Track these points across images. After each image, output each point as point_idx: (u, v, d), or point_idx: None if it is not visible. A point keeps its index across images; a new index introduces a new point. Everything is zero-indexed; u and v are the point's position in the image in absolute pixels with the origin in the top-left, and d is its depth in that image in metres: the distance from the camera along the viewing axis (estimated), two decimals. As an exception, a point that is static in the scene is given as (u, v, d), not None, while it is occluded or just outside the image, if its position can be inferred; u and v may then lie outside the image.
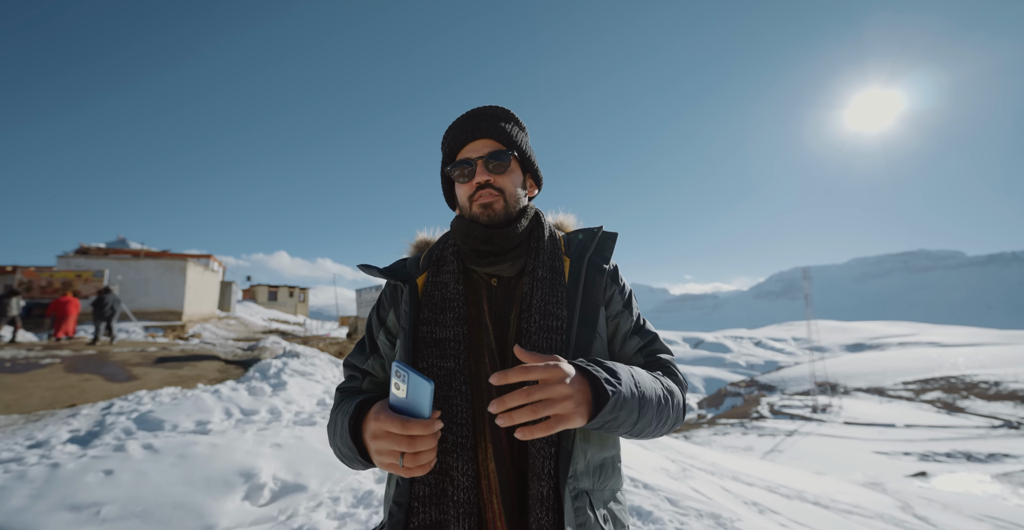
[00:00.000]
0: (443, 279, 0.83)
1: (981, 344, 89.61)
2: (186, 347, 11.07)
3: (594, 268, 0.83)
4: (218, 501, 2.29)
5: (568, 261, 0.84)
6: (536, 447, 0.69)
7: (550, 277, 0.79)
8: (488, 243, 0.80)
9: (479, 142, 0.82)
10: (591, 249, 0.85)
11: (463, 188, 0.83)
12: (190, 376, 7.16)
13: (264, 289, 37.51)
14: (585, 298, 0.80)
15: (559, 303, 0.77)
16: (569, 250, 0.86)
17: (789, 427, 39.86)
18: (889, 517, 8.67)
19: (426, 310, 0.81)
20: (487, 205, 0.80)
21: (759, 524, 4.16)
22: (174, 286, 16.67)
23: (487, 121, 0.82)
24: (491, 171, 0.80)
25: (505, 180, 0.81)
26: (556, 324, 0.75)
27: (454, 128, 0.84)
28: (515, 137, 0.84)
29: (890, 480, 20.51)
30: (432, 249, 0.90)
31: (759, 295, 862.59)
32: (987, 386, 50.52)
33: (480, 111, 0.84)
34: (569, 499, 0.67)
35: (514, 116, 0.86)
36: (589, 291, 0.81)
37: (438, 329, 0.78)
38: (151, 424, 4.02)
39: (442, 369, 0.75)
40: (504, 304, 0.81)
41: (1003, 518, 14.04)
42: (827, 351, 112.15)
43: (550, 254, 0.83)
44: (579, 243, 0.87)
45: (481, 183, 0.80)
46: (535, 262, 0.81)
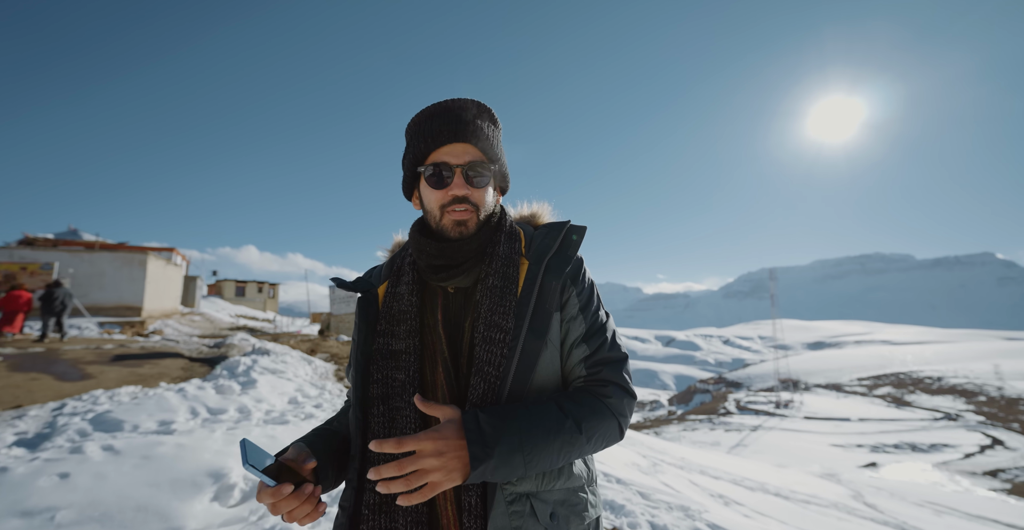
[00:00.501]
0: (400, 290, 0.83)
1: (927, 342, 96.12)
2: (146, 344, 10.54)
3: (552, 272, 0.78)
4: (185, 503, 2.20)
5: (526, 264, 0.79)
6: None
7: (501, 285, 0.76)
8: (441, 257, 0.77)
9: (460, 146, 0.76)
10: (553, 249, 0.80)
11: (436, 194, 0.77)
12: (151, 375, 6.82)
13: (231, 284, 36.07)
14: (538, 305, 0.76)
15: (506, 313, 0.74)
16: (529, 251, 0.81)
17: (754, 422, 41.60)
18: (843, 506, 9.22)
19: (383, 321, 0.81)
20: (462, 222, 0.76)
21: (725, 515, 4.35)
22: (133, 280, 15.79)
23: (468, 120, 0.76)
24: (471, 184, 0.75)
25: (482, 195, 0.77)
26: (499, 336, 0.73)
27: (430, 120, 0.77)
28: (496, 147, 0.80)
29: (844, 471, 21.77)
30: (394, 258, 0.90)
31: (728, 295, 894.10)
32: (931, 381, 54.26)
33: (458, 106, 0.77)
34: (504, 504, 0.68)
35: (492, 114, 0.81)
36: (543, 297, 0.76)
37: (393, 341, 0.79)
38: (109, 425, 3.82)
39: (395, 380, 0.76)
40: (460, 312, 0.80)
41: (941, 503, 15.16)
42: (790, 349, 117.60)
43: (504, 260, 0.79)
44: (541, 243, 0.81)
45: (459, 196, 0.75)
46: (488, 269, 0.78)
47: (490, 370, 0.72)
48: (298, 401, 5.23)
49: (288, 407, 4.90)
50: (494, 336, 0.73)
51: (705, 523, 3.45)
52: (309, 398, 5.44)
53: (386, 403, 0.76)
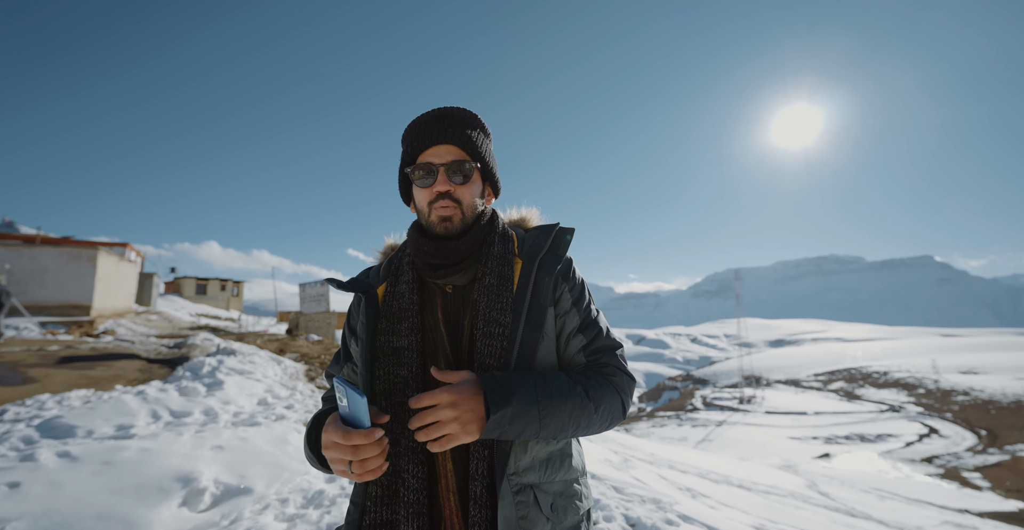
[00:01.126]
0: (399, 289, 0.85)
1: (875, 339, 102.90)
2: (97, 345, 9.88)
3: (544, 269, 0.83)
4: (151, 509, 2.10)
5: (519, 263, 0.84)
6: (473, 449, 0.74)
7: (497, 283, 0.81)
8: (438, 256, 0.81)
9: (443, 147, 0.81)
10: (544, 248, 0.85)
11: (423, 193, 0.82)
12: (105, 377, 6.41)
13: (191, 282, 34.26)
14: (533, 301, 0.81)
15: (504, 309, 0.79)
16: (522, 251, 0.86)
17: (719, 418, 43.30)
18: (800, 495, 9.76)
19: (384, 320, 0.84)
20: (446, 217, 0.80)
21: (693, 507, 4.53)
22: (81, 277, 14.75)
23: (453, 125, 0.81)
24: (453, 181, 0.80)
25: (465, 191, 0.81)
26: (499, 331, 0.77)
27: (418, 127, 0.83)
28: (480, 147, 0.83)
29: (801, 462, 23.03)
30: (391, 258, 0.92)
31: (696, 294, 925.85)
32: (878, 376, 58.11)
33: (446, 113, 0.83)
34: (510, 495, 0.72)
35: (480, 121, 0.86)
36: (538, 293, 0.81)
37: (395, 338, 0.82)
38: (59, 431, 3.57)
39: (397, 377, 0.79)
40: (459, 310, 0.84)
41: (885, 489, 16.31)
42: (753, 347, 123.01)
43: (500, 260, 0.84)
44: (533, 243, 0.87)
45: (442, 192, 0.80)
46: (484, 269, 0.83)
47: (491, 362, 0.76)
48: (268, 402, 5.05)
49: (258, 408, 4.73)
50: (494, 331, 0.78)
51: (676, 514, 3.59)
52: (280, 399, 5.26)
53: (388, 398, 0.78)
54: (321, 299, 14.06)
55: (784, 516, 6.55)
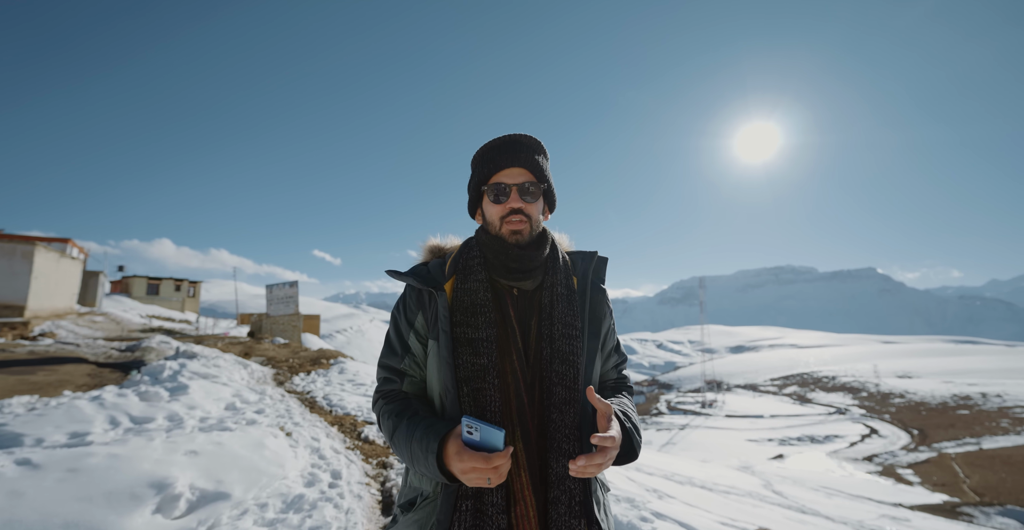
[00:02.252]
0: (471, 286, 0.96)
1: (826, 345, 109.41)
2: (36, 349, 9.15)
3: (596, 288, 1.03)
4: (123, 517, 2.01)
5: (575, 279, 1.02)
6: (560, 430, 0.88)
7: (567, 293, 0.98)
8: (519, 262, 0.95)
9: (516, 170, 0.95)
10: (591, 271, 1.04)
11: (496, 209, 0.96)
12: (49, 383, 5.95)
13: (142, 281, 32.09)
14: (591, 313, 0.99)
15: (575, 315, 0.96)
16: (575, 270, 1.04)
17: (682, 421, 44.68)
18: (756, 494, 10.27)
19: (457, 313, 0.93)
20: (517, 231, 0.95)
21: (661, 506, 4.72)
22: (15, 274, 13.60)
23: (524, 151, 0.96)
24: (523, 199, 0.95)
25: (533, 208, 0.96)
26: (574, 333, 0.94)
27: (492, 151, 0.97)
28: (545, 171, 0.98)
29: (757, 463, 24.12)
30: (457, 258, 1.02)
31: (662, 301, 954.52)
32: (827, 380, 61.84)
33: (517, 139, 0.98)
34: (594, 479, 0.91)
35: (544, 148, 1.01)
36: (594, 307, 1.00)
37: (470, 330, 0.91)
38: (4, 440, 3.31)
39: (476, 365, 0.89)
40: (525, 312, 0.97)
41: (831, 486, 17.37)
42: (716, 353, 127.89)
43: (564, 273, 1.01)
44: (582, 265, 1.04)
45: (515, 208, 0.94)
46: (553, 279, 0.99)
47: (575, 359, 0.92)
48: (237, 407, 4.85)
49: (226, 413, 4.54)
50: (571, 332, 0.94)
51: (650, 512, 3.75)
52: (249, 404, 5.07)
53: (469, 385, 0.88)
54: (290, 301, 13.57)
55: (743, 514, 6.89)
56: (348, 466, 3.49)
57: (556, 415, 0.88)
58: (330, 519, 2.45)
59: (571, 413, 0.88)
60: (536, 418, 0.90)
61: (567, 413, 0.88)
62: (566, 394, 0.89)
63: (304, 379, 7.17)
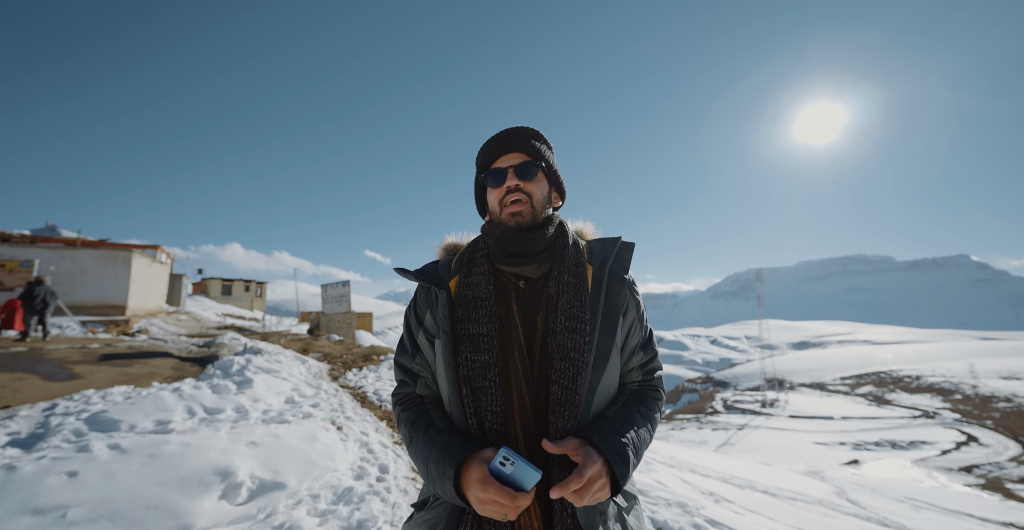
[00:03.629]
0: (474, 280, 0.90)
1: (906, 342, 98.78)
2: (133, 344, 10.32)
3: (615, 277, 0.90)
4: (194, 501, 2.20)
5: (591, 268, 0.91)
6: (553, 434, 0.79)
7: (574, 282, 0.87)
8: (517, 245, 0.87)
9: (511, 155, 0.91)
10: (611, 258, 0.92)
11: (494, 193, 0.91)
12: (142, 374, 6.70)
13: (217, 283, 35.41)
14: (607, 305, 0.87)
15: (583, 307, 0.84)
16: (591, 258, 0.93)
17: (740, 421, 42.30)
18: (827, 502, 9.45)
19: (460, 309, 0.88)
20: (516, 213, 0.87)
21: (718, 512, 4.46)
22: (117, 278, 15.45)
23: (519, 137, 0.91)
24: (519, 177, 0.88)
25: (532, 187, 0.89)
26: (580, 327, 0.83)
27: (489, 143, 0.93)
28: (543, 153, 0.93)
29: (828, 468, 22.28)
30: (463, 253, 0.97)
31: (715, 295, 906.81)
32: (910, 380, 55.75)
33: (513, 130, 0.93)
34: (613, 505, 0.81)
35: (543, 136, 0.95)
36: (610, 299, 0.88)
37: (471, 326, 0.85)
38: (105, 425, 3.76)
39: (476, 362, 0.83)
40: (531, 305, 0.89)
41: (919, 499, 15.63)
42: (776, 349, 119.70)
43: (574, 260, 0.90)
44: (600, 252, 0.93)
45: (511, 187, 0.88)
46: (560, 267, 0.89)
47: (576, 356, 0.81)
48: (295, 401, 5.19)
49: (285, 406, 4.87)
50: (575, 326, 0.83)
51: (703, 519, 3.54)
52: (306, 397, 5.41)
53: (469, 384, 0.82)
54: (342, 300, 14.35)
55: (812, 524, 6.37)
56: (395, 461, 3.61)
57: (552, 418, 0.79)
58: (377, 512, 2.53)
59: (565, 416, 0.78)
60: (541, 421, 0.82)
61: (561, 416, 0.79)
62: (562, 395, 0.79)
63: (356, 375, 7.54)
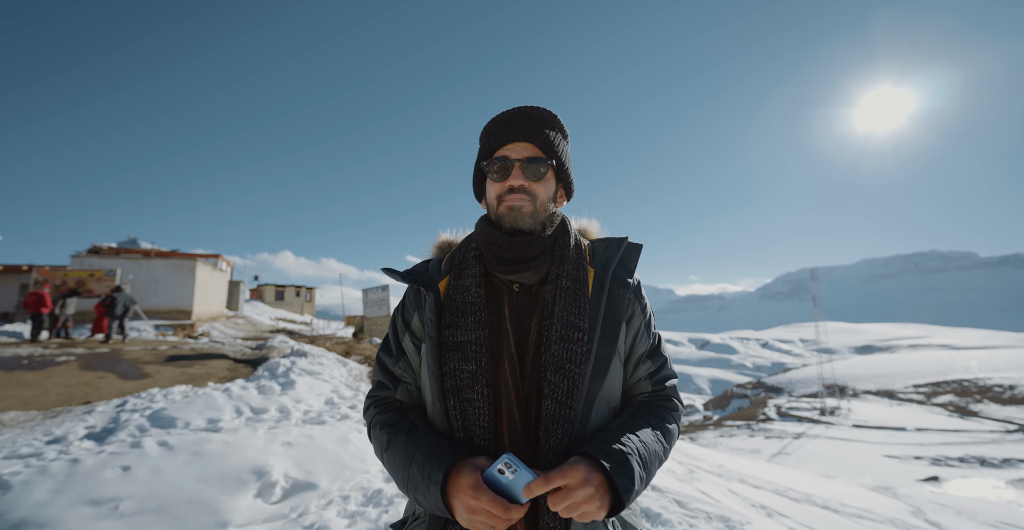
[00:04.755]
0: (464, 283, 0.82)
1: (995, 347, 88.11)
2: (196, 346, 11.20)
3: (618, 281, 0.82)
4: (231, 498, 2.32)
5: (592, 272, 0.83)
6: (545, 454, 0.71)
7: (573, 287, 0.79)
8: (511, 251, 0.79)
9: (521, 144, 0.80)
10: (616, 260, 0.84)
11: (495, 186, 0.81)
12: (200, 374, 7.25)
13: (271, 288, 37.87)
14: (608, 311, 0.79)
15: (581, 314, 0.77)
16: (594, 260, 0.85)
17: (797, 430, 39.44)
18: (900, 522, 8.55)
19: (448, 314, 0.81)
20: (515, 208, 0.78)
21: (768, 527, 4.13)
22: (184, 285, 16.88)
23: (532, 124, 0.81)
24: (527, 176, 0.79)
25: (539, 187, 0.80)
26: (577, 335, 0.75)
27: (497, 123, 0.82)
28: (557, 146, 0.82)
29: (901, 484, 20.22)
30: (454, 252, 0.90)
31: (766, 296, 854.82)
32: (1001, 390, 49.66)
33: (526, 111, 0.82)
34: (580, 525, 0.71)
35: (559, 122, 0.84)
36: (612, 304, 0.80)
37: (459, 332, 0.78)
38: (164, 422, 4.08)
39: (464, 372, 0.76)
40: (525, 310, 0.81)
41: (1018, 524, 13.76)
42: (835, 353, 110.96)
43: (574, 263, 0.82)
44: (604, 253, 0.85)
45: (515, 186, 0.78)
46: (559, 271, 0.81)
47: (572, 368, 0.74)
48: (334, 402, 5.40)
49: (325, 408, 5.07)
50: (572, 335, 0.76)
51: (748, 536, 3.28)
52: (344, 399, 5.61)
53: (457, 395, 0.76)
54: (382, 304, 14.83)
55: (881, 547, 5.77)
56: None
57: (542, 434, 0.72)
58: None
59: (558, 434, 0.71)
60: (531, 437, 0.75)
61: (554, 434, 0.71)
62: (555, 410, 0.72)
63: (394, 376, 7.75)
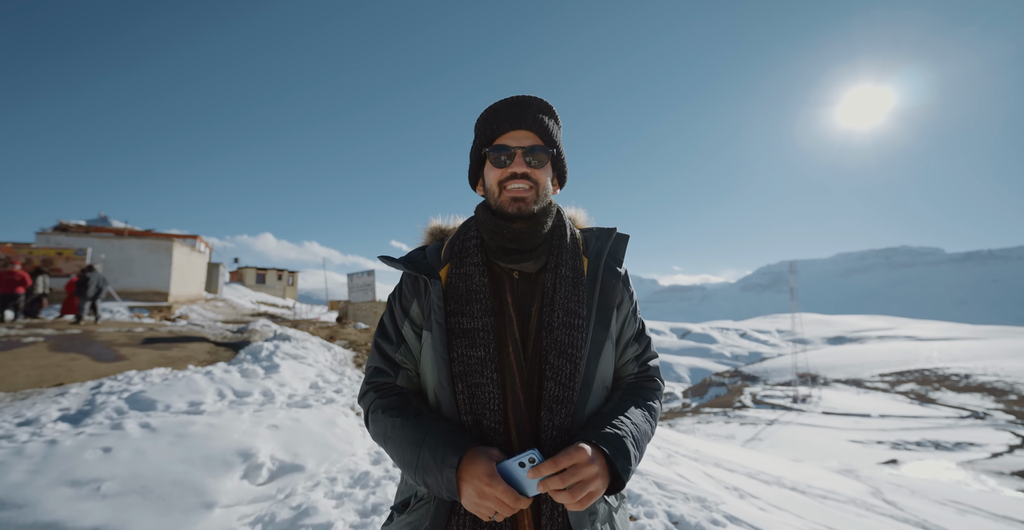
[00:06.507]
0: (467, 271, 0.85)
1: (954, 338, 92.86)
2: (174, 328, 10.93)
3: (609, 271, 0.88)
4: (217, 479, 2.30)
5: (586, 261, 0.88)
6: (548, 431, 0.76)
7: (572, 276, 0.84)
8: (515, 242, 0.84)
9: (521, 132, 0.84)
10: (606, 250, 0.90)
11: (496, 172, 0.84)
12: (180, 357, 7.09)
13: (252, 271, 37.04)
14: (601, 298, 0.85)
15: (580, 301, 0.82)
16: (587, 250, 0.90)
17: (770, 416, 41.13)
18: (861, 502, 9.07)
19: (452, 302, 0.83)
20: (519, 198, 0.82)
21: (741, 507, 4.33)
22: (160, 266, 16.35)
23: (531, 112, 0.84)
24: (529, 164, 0.82)
25: (540, 175, 0.84)
26: (577, 322, 0.81)
27: (496, 111, 0.86)
28: (555, 135, 0.86)
29: (863, 467, 21.39)
30: (454, 240, 0.91)
31: (746, 287, 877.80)
32: (958, 378, 52.54)
33: (524, 100, 0.85)
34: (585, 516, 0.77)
35: (554, 111, 0.88)
36: (605, 292, 0.86)
37: (465, 320, 0.81)
38: (143, 404, 3.99)
39: (472, 357, 0.79)
40: (526, 297, 0.85)
41: (965, 503, 14.75)
42: (809, 343, 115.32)
43: (572, 253, 0.87)
44: (596, 244, 0.91)
45: (517, 173, 0.82)
46: (558, 260, 0.86)
47: (573, 352, 0.79)
48: (319, 386, 5.37)
49: (310, 392, 5.04)
50: (573, 321, 0.81)
51: (722, 514, 3.44)
52: (329, 383, 5.58)
53: (465, 380, 0.79)
54: (368, 289, 14.69)
55: (843, 523, 6.12)
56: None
57: (545, 414, 0.76)
58: (392, 497, 2.58)
59: (561, 414, 0.76)
60: (533, 417, 0.79)
61: (557, 413, 0.76)
62: (558, 391, 0.77)
63: (379, 361, 7.74)
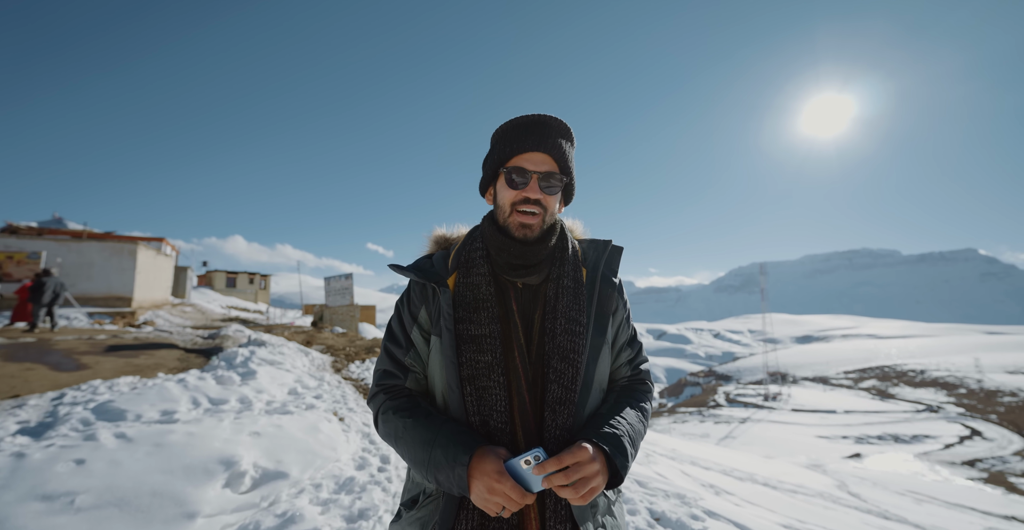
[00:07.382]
0: (474, 280, 0.91)
1: (911, 336, 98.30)
2: (140, 335, 10.44)
3: (606, 281, 0.95)
4: (198, 489, 2.24)
5: (584, 271, 0.95)
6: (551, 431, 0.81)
7: (573, 286, 0.91)
8: (522, 258, 0.90)
9: (539, 155, 0.88)
10: (603, 261, 0.97)
11: (510, 193, 0.89)
12: (148, 365, 6.79)
13: (222, 275, 35.68)
14: (599, 307, 0.92)
15: (581, 310, 0.89)
16: (585, 261, 0.97)
17: (743, 415, 42.40)
18: (828, 495, 9.50)
19: (460, 309, 0.89)
20: (527, 225, 0.88)
21: (718, 503, 4.48)
22: (123, 270, 15.56)
23: (551, 135, 0.88)
24: (543, 189, 0.87)
25: (551, 201, 0.89)
26: (578, 329, 0.88)
27: (516, 129, 0.89)
28: (570, 161, 0.91)
29: (830, 461, 22.37)
30: (460, 250, 0.97)
31: (719, 289, 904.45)
32: (914, 374, 55.59)
33: (544, 120, 0.89)
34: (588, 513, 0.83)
35: (572, 134, 0.93)
36: (602, 301, 0.93)
37: (473, 327, 0.87)
38: (112, 414, 3.82)
39: (480, 362, 0.85)
40: (529, 305, 0.92)
41: (921, 492, 15.66)
42: (779, 343, 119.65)
43: (572, 265, 0.94)
44: (593, 255, 0.98)
45: (531, 198, 0.87)
46: (560, 271, 0.93)
47: (575, 357, 0.86)
48: (298, 392, 5.25)
49: (289, 398, 4.92)
50: (574, 328, 0.88)
51: (700, 510, 3.56)
52: (309, 389, 5.47)
53: (473, 383, 0.84)
54: (345, 292, 14.42)
55: (812, 516, 6.40)
56: (397, 450, 3.64)
57: (548, 415, 0.82)
58: (378, 502, 2.57)
59: (564, 414, 0.82)
60: (537, 418, 0.85)
61: (560, 414, 0.82)
62: (561, 393, 0.83)
63: (359, 367, 7.61)
